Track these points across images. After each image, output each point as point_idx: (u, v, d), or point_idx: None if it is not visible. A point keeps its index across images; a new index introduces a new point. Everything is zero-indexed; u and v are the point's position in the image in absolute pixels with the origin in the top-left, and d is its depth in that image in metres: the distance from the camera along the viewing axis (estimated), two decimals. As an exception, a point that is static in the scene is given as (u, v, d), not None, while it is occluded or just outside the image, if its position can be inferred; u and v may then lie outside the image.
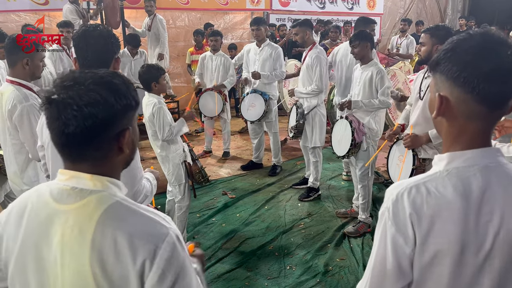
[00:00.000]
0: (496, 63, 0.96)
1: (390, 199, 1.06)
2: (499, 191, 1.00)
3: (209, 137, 6.02)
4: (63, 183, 1.02)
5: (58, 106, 0.96)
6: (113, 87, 1.00)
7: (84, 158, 1.01)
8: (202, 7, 8.41)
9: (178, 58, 8.39)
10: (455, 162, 1.04)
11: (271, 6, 9.11)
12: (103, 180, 1.02)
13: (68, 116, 0.95)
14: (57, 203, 1.01)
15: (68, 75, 1.02)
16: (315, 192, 4.63)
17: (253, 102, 5.12)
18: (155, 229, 0.99)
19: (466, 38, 1.01)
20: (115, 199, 1.01)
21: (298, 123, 4.38)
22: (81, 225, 0.97)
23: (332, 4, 10.04)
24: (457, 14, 12.25)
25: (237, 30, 9.10)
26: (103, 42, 1.84)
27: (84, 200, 0.99)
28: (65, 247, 0.98)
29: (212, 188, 4.85)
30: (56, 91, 0.97)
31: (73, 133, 0.96)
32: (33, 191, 1.07)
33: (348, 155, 3.73)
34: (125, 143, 1.03)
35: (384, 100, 3.61)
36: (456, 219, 0.99)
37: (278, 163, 5.39)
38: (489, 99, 0.98)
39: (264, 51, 5.04)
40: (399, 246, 1.02)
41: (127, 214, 1.00)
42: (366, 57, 3.69)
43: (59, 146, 1.01)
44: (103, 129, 0.98)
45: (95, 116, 0.95)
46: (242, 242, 3.71)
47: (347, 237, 3.78)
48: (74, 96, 0.95)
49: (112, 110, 0.98)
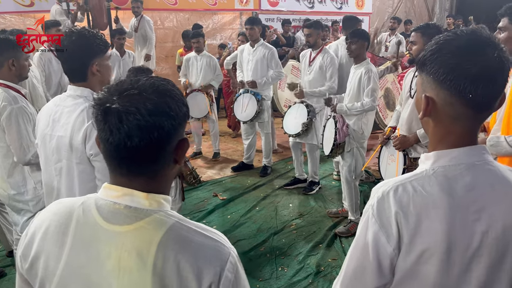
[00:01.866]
0: (483, 66, 0.95)
1: (375, 196, 1.04)
2: (486, 189, 0.99)
3: (198, 137, 5.98)
4: (114, 200, 0.93)
5: (120, 116, 0.86)
6: (173, 94, 0.93)
7: (142, 173, 0.93)
8: (190, 8, 8.36)
9: (166, 59, 8.33)
10: (441, 160, 1.03)
11: (260, 6, 9.08)
12: (158, 198, 0.95)
13: (131, 127, 0.86)
14: (108, 223, 0.92)
15: (125, 82, 0.93)
16: (317, 185, 4.72)
17: (246, 102, 5.09)
18: (218, 251, 0.93)
19: (453, 38, 0.99)
20: (173, 220, 0.94)
21: (310, 120, 4.38)
22: (140, 249, 0.89)
23: (321, 3, 10.05)
24: (444, 13, 12.35)
25: (226, 31, 9.07)
26: (78, 47, 1.82)
27: (141, 221, 0.91)
28: (123, 273, 0.90)
29: (202, 190, 4.81)
30: (115, 99, 0.88)
31: (136, 146, 0.87)
32: (77, 205, 0.97)
33: (332, 154, 3.73)
34: (181, 155, 0.97)
35: (367, 102, 3.58)
36: (443, 218, 0.98)
37: (269, 164, 5.36)
38: (475, 101, 0.97)
39: (258, 51, 5.02)
40: (381, 244, 1.00)
41: (188, 236, 0.93)
42: (360, 56, 3.67)
43: (116, 160, 0.92)
44: (167, 141, 0.91)
45: (161, 126, 0.88)
46: (234, 244, 3.59)
47: (338, 237, 3.76)
48: (138, 104, 0.87)
49: (176, 120, 0.91)
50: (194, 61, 5.62)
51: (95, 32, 1.89)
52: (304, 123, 4.38)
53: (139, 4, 6.84)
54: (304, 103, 4.49)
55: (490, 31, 1.05)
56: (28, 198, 2.66)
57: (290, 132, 4.58)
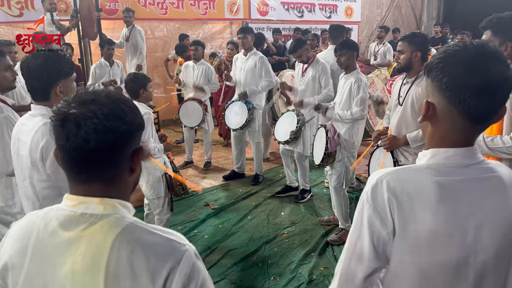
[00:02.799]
0: (484, 80, 0.97)
1: (370, 183, 1.08)
2: (480, 185, 1.03)
3: (190, 147, 5.97)
4: (71, 209, 0.97)
5: (77, 121, 0.91)
6: (128, 103, 0.99)
7: (99, 177, 0.97)
8: (180, 17, 8.37)
9: (156, 68, 8.33)
10: (437, 157, 1.06)
11: (249, 15, 9.13)
12: (113, 202, 0.98)
13: (88, 130, 0.91)
14: (65, 231, 0.95)
15: (83, 93, 0.99)
16: (308, 193, 4.72)
17: (237, 111, 5.10)
18: (172, 247, 0.96)
19: (461, 49, 1.01)
20: (127, 221, 0.97)
21: (299, 129, 4.38)
22: (94, 252, 0.93)
23: (310, 12, 10.14)
24: (432, 21, 12.53)
25: (216, 40, 9.10)
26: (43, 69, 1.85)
27: (95, 225, 0.95)
28: (77, 276, 0.93)
29: (194, 199, 4.79)
30: (73, 106, 0.93)
31: (94, 149, 0.92)
32: (40, 218, 1.00)
33: (322, 164, 3.74)
34: (137, 163, 1.01)
35: (356, 111, 3.59)
36: (435, 209, 1.00)
37: (260, 173, 5.36)
38: (474, 114, 1.00)
39: (250, 60, 5.05)
40: (376, 227, 1.04)
41: (142, 235, 0.96)
42: (351, 66, 3.70)
43: (75, 165, 0.96)
44: (123, 145, 0.96)
45: (117, 130, 0.93)
46: (225, 253, 3.66)
47: (330, 245, 3.76)
48: (95, 109, 0.92)
49: (132, 126, 0.97)
50: (191, 70, 5.66)
51: (62, 54, 1.93)
52: (292, 131, 4.39)
53: (130, 14, 6.82)
54: (295, 111, 4.51)
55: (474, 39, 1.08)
56: (16, 211, 2.62)
57: (280, 139, 4.59)
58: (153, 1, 7.91)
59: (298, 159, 4.65)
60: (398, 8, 12.09)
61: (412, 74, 2.91)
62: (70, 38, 6.63)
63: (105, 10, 7.03)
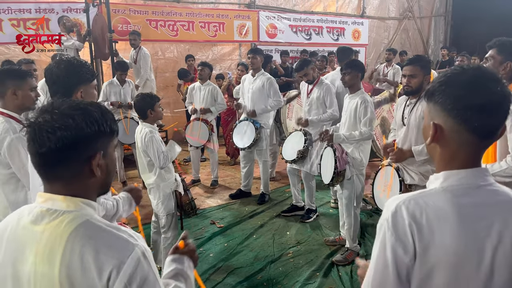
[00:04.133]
0: (487, 98, 1.04)
1: (389, 210, 1.09)
2: (494, 207, 1.06)
3: (196, 165, 6.03)
4: (40, 205, 1.09)
5: (35, 129, 1.04)
6: (87, 112, 1.08)
7: (57, 177, 1.08)
8: (190, 39, 8.57)
9: (166, 88, 8.47)
10: (450, 180, 1.10)
11: (258, 38, 9.32)
12: (76, 201, 1.09)
13: (42, 138, 1.03)
14: (33, 225, 1.07)
15: (49, 102, 1.12)
16: (314, 213, 4.73)
17: (244, 130, 5.17)
18: (121, 245, 1.04)
19: (460, 72, 1.09)
20: (85, 218, 1.07)
21: (306, 148, 4.43)
22: (53, 244, 1.03)
23: (318, 35, 10.30)
24: (439, 44, 12.65)
25: (225, 61, 9.26)
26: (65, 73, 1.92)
27: (57, 220, 1.05)
28: (38, 266, 1.03)
29: (200, 217, 4.80)
30: (36, 115, 1.07)
31: (45, 153, 1.04)
32: (15, 214, 1.14)
33: (332, 183, 3.75)
34: (96, 166, 1.09)
35: (365, 131, 3.63)
36: (455, 232, 1.03)
37: (266, 192, 5.38)
38: (480, 129, 1.06)
39: (258, 80, 5.15)
40: (399, 255, 1.05)
41: (95, 232, 1.05)
42: (355, 86, 3.76)
43: (35, 166, 1.08)
44: (72, 151, 1.05)
45: (65, 138, 1.03)
46: (230, 272, 3.65)
47: (335, 265, 3.74)
48: (49, 120, 1.04)
49: (82, 134, 1.05)
50: (197, 91, 5.76)
51: (83, 61, 2.01)
52: (299, 151, 4.43)
53: (135, 37, 6.91)
54: (302, 130, 4.56)
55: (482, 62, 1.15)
56: None
57: (287, 158, 4.63)
58: (164, 23, 8.12)
59: (305, 178, 4.68)
60: (405, 31, 12.23)
61: (416, 95, 2.96)
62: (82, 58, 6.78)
63: (117, 31, 7.22)
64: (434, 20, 12.84)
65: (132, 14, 7.80)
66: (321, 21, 10.31)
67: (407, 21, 12.11)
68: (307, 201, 4.74)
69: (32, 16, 6.94)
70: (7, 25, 6.81)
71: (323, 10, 10.65)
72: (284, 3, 9.99)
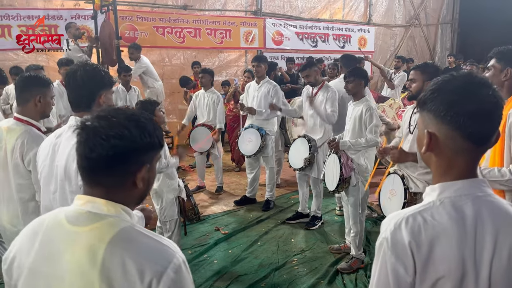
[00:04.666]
0: (479, 103, 1.03)
1: (388, 229, 1.08)
2: (489, 220, 1.04)
3: (202, 172, 6.04)
4: (79, 207, 1.09)
5: (89, 132, 1.05)
6: (141, 125, 1.09)
7: (99, 183, 1.09)
8: (197, 46, 8.62)
9: (172, 95, 8.51)
10: (447, 192, 1.08)
11: (264, 45, 9.35)
12: (116, 206, 1.09)
13: (95, 143, 1.03)
14: (71, 225, 1.07)
15: (104, 109, 1.13)
16: (319, 220, 4.71)
17: (250, 137, 5.18)
18: (162, 253, 1.05)
19: (450, 79, 1.09)
20: (127, 224, 1.08)
21: (312, 155, 4.43)
22: (93, 246, 1.03)
23: (324, 42, 10.32)
24: (446, 52, 12.60)
25: (232, 68, 9.30)
26: (90, 77, 1.94)
27: (97, 223, 1.06)
28: (75, 266, 1.04)
29: (204, 224, 4.80)
30: (91, 119, 1.07)
31: (94, 159, 1.04)
32: (50, 213, 1.15)
33: (337, 190, 3.74)
34: (140, 179, 1.10)
35: (371, 138, 3.63)
36: (455, 246, 1.02)
37: (271, 198, 5.37)
38: (474, 135, 1.05)
39: (263, 88, 5.17)
40: (400, 275, 1.04)
41: (137, 237, 1.06)
42: (358, 93, 3.76)
43: (80, 169, 1.10)
44: (122, 161, 1.06)
45: (118, 148, 1.03)
46: (234, 279, 3.64)
47: (340, 273, 3.71)
48: (106, 126, 1.04)
49: (135, 146, 1.06)
50: (202, 98, 5.79)
51: (104, 68, 2.03)
52: (306, 158, 4.43)
53: (133, 51, 6.89)
54: (306, 137, 4.56)
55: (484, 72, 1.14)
56: None
57: (295, 166, 4.63)
58: (171, 30, 8.19)
59: (314, 185, 4.68)
60: (412, 39, 12.21)
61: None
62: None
63: (124, 38, 7.28)
64: (440, 27, 12.81)
65: (139, 21, 7.87)
66: (327, 29, 10.33)
67: (413, 29, 12.09)
68: (314, 207, 4.72)
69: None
70: (16, 31, 6.87)
71: (329, 18, 10.67)
72: (290, 11, 10.03)
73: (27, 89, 2.48)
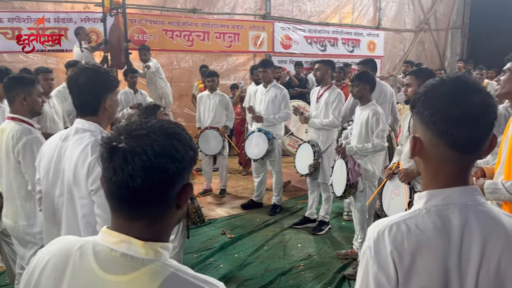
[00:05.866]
0: (465, 109, 0.98)
1: (371, 237, 1.05)
2: (477, 230, 1.00)
3: (208, 175, 6.03)
4: (111, 247, 0.90)
5: (125, 156, 0.86)
6: (181, 138, 0.92)
7: (142, 216, 0.91)
8: (205, 49, 8.63)
9: (181, 98, 8.51)
10: (434, 200, 1.04)
11: (273, 48, 9.34)
12: (155, 247, 0.91)
13: (135, 167, 0.85)
14: (104, 272, 0.88)
15: (135, 122, 0.93)
16: (326, 226, 4.67)
17: (257, 141, 5.16)
18: None
19: (439, 84, 1.05)
20: (170, 271, 0.90)
21: (316, 161, 4.41)
22: None
23: (333, 46, 10.28)
24: (456, 57, 12.50)
25: (240, 72, 9.29)
26: (93, 82, 1.87)
27: (137, 272, 0.87)
28: None
29: (211, 227, 4.78)
30: (123, 139, 0.88)
31: (139, 187, 0.86)
32: (75, 249, 0.94)
33: (345, 195, 3.71)
34: (185, 200, 0.95)
35: (378, 143, 3.62)
36: (438, 257, 0.98)
37: (278, 203, 5.34)
38: (459, 143, 1.00)
39: (270, 92, 5.17)
40: (382, 285, 1.00)
41: (184, 287, 0.90)
42: (365, 98, 3.74)
43: (116, 201, 0.91)
44: (171, 184, 0.90)
45: (165, 169, 0.87)
46: (240, 284, 3.61)
47: (347, 279, 3.67)
48: (144, 145, 0.86)
49: (182, 164, 0.90)
50: (206, 100, 5.78)
51: (106, 68, 1.97)
52: (310, 165, 4.44)
53: (145, 52, 6.93)
54: (310, 142, 4.54)
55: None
56: (36, 231, 2.67)
57: (301, 172, 4.62)
58: (180, 33, 8.20)
59: (323, 189, 4.65)
60: (422, 44, 12.13)
61: None
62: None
63: (133, 41, 7.31)
64: (450, 32, 12.71)
65: (148, 24, 7.90)
66: (336, 33, 10.29)
67: (423, 34, 12.01)
68: (323, 212, 4.68)
69: (51, 25, 7.06)
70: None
71: (338, 22, 10.63)
72: (299, 15, 10.01)
73: (12, 89, 2.59)
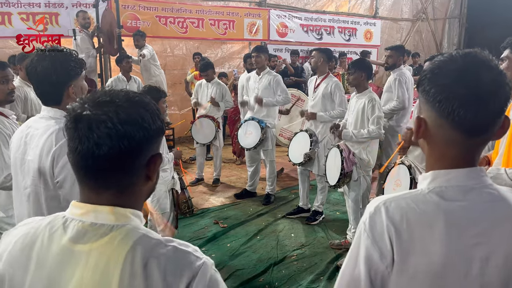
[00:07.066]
0: (474, 87, 0.90)
1: (368, 211, 0.99)
2: (486, 213, 0.93)
3: (201, 164, 5.96)
4: (79, 218, 0.89)
5: (90, 123, 0.84)
6: (148, 107, 0.91)
7: (110, 185, 0.90)
8: (200, 36, 8.50)
9: (174, 86, 8.41)
10: (438, 180, 0.97)
11: (268, 36, 9.22)
12: (125, 212, 0.91)
13: (101, 135, 0.84)
14: (73, 243, 0.87)
15: (100, 92, 0.91)
16: (320, 216, 4.62)
17: (250, 130, 5.08)
18: (188, 262, 0.88)
19: (447, 59, 0.95)
20: (140, 233, 0.89)
21: (312, 150, 4.34)
22: (105, 265, 0.85)
23: (329, 35, 10.18)
24: (452, 47, 12.45)
25: (235, 60, 9.18)
26: (52, 72, 1.71)
27: (106, 237, 0.87)
28: None
29: (203, 216, 4.72)
30: (87, 107, 0.86)
31: (105, 155, 0.84)
32: (44, 225, 0.92)
33: (339, 184, 3.66)
34: (154, 170, 0.94)
35: (374, 130, 3.56)
36: (438, 239, 0.91)
37: (272, 192, 5.28)
38: (465, 125, 0.92)
39: (264, 79, 5.06)
40: (374, 261, 0.94)
41: (156, 248, 0.88)
42: (361, 85, 3.68)
43: (83, 170, 0.89)
44: (138, 152, 0.89)
45: (132, 136, 0.86)
46: (231, 274, 3.56)
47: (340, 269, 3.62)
48: (110, 112, 0.85)
49: (149, 132, 0.89)
50: (205, 88, 5.72)
51: (68, 52, 1.78)
52: (306, 154, 4.34)
53: (138, 38, 6.80)
54: (308, 131, 4.45)
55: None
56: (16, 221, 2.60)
57: (294, 160, 4.53)
58: (174, 20, 8.06)
59: (319, 180, 4.56)
60: (419, 33, 12.04)
61: None
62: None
63: (126, 27, 7.18)
64: (448, 22, 12.63)
65: (141, 10, 7.75)
66: (333, 21, 10.18)
67: (420, 23, 11.93)
68: (317, 202, 4.62)
69: (41, 10, 6.91)
70: (17, 19, 6.80)
71: (335, 10, 10.52)
72: (295, 2, 9.88)
73: None
